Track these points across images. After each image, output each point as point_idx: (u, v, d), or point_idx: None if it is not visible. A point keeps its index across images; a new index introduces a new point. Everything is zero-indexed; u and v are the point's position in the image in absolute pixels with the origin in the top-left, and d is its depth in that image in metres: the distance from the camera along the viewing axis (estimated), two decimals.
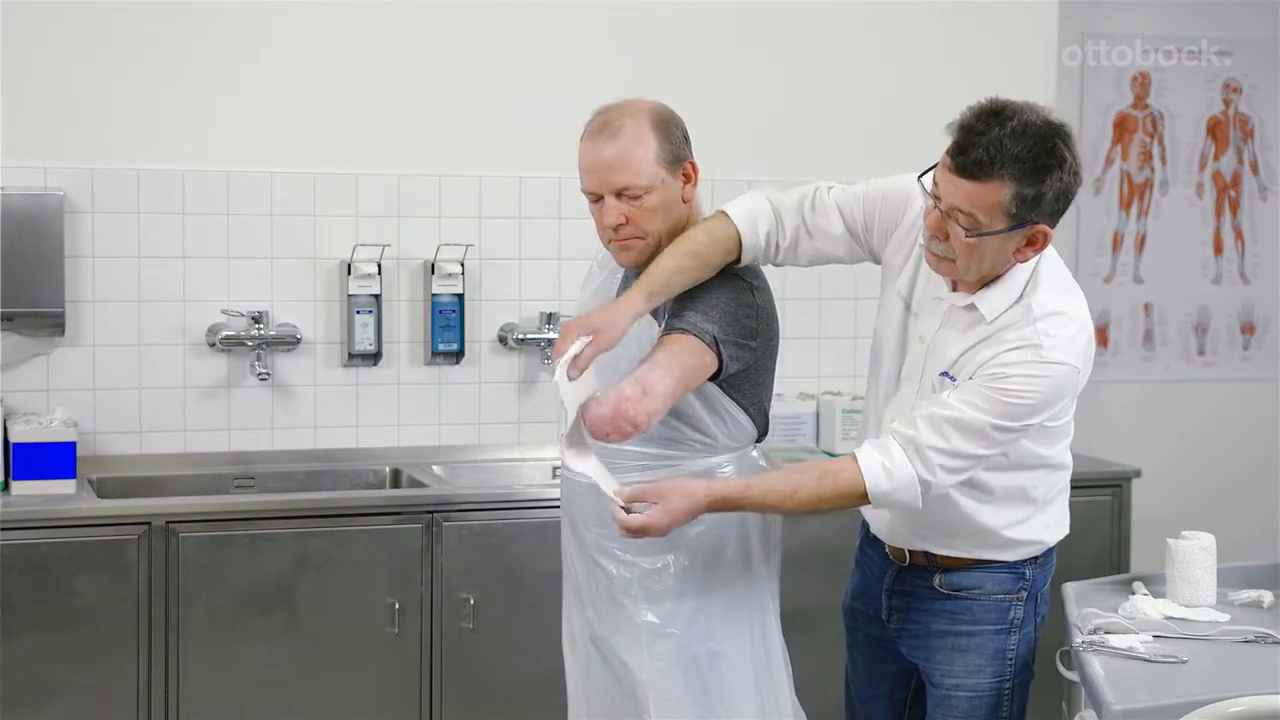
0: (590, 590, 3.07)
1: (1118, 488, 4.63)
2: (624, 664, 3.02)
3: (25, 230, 4.24)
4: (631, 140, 2.95)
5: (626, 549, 3.00)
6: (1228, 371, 5.84)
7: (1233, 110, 5.79)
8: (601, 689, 3.07)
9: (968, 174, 2.69)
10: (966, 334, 2.85)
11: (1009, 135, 2.67)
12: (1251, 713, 2.45)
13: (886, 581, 3.10)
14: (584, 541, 3.06)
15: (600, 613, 3.05)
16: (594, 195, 2.99)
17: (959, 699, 3.01)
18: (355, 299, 4.54)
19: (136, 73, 4.41)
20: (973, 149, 2.68)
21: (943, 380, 2.86)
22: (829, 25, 4.98)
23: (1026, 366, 2.75)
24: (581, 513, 3.06)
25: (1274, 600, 3.20)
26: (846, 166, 4.92)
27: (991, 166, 2.68)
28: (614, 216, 2.96)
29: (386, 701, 4.10)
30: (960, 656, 3.01)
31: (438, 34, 4.65)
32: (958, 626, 3.01)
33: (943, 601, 3.02)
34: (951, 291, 2.89)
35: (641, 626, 3.00)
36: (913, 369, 2.94)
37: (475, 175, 4.67)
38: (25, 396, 4.32)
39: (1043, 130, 2.70)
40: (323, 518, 4.09)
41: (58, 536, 3.90)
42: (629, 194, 2.95)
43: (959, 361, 2.84)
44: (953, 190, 2.72)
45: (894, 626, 3.11)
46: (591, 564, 3.05)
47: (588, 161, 2.99)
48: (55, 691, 3.88)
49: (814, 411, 4.85)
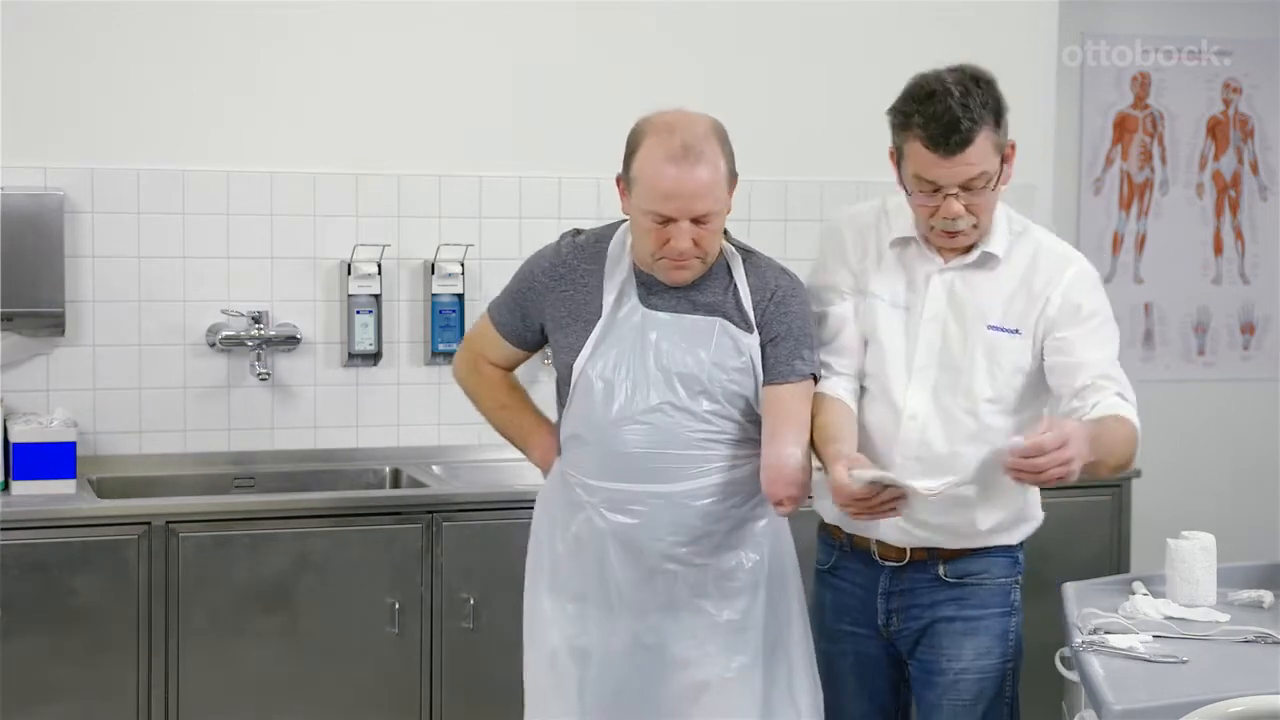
0: (645, 599, 3.03)
1: (1117, 488, 4.63)
2: (690, 664, 3.02)
3: (25, 230, 4.24)
4: (712, 166, 2.94)
5: (698, 553, 3.02)
6: (1228, 371, 5.84)
7: (1233, 110, 5.79)
8: (641, 694, 3.04)
9: (961, 147, 2.89)
10: (993, 284, 3.05)
11: (959, 100, 2.88)
12: (1251, 713, 2.45)
13: (881, 585, 3.11)
14: (644, 550, 3.01)
15: (662, 619, 3.02)
16: (665, 219, 2.93)
17: (967, 682, 3.07)
18: (355, 299, 4.54)
19: (136, 73, 4.41)
20: (951, 130, 2.88)
21: (996, 332, 3.03)
22: (827, 25, 4.98)
23: (1085, 279, 3.08)
24: (646, 526, 3.01)
25: (1274, 600, 3.20)
26: (845, 166, 4.95)
27: (973, 129, 2.90)
28: (687, 243, 2.94)
29: (386, 701, 4.10)
30: (969, 640, 3.08)
31: (438, 34, 4.65)
32: (965, 612, 3.08)
33: (948, 589, 3.08)
34: (947, 260, 3.06)
35: (722, 626, 3.03)
36: (928, 351, 3.05)
37: (475, 175, 4.67)
38: (25, 396, 4.32)
39: (966, 75, 2.94)
40: (323, 518, 4.08)
41: (58, 536, 3.89)
42: (704, 219, 2.94)
43: (1007, 311, 3.04)
44: (955, 169, 2.91)
45: (894, 628, 3.12)
46: (652, 573, 3.01)
47: (669, 187, 2.90)
48: (55, 691, 3.88)
49: None
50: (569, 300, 3.07)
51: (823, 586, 3.24)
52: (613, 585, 3.04)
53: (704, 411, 3.01)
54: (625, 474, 3.01)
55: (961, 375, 3.04)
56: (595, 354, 3.01)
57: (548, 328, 3.12)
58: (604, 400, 3.00)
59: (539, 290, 3.10)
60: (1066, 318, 3.03)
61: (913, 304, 3.07)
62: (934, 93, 2.90)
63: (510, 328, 3.17)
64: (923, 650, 3.11)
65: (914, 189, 2.97)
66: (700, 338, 3.01)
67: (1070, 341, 3.01)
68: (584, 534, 3.06)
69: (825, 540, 3.24)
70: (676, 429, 3.00)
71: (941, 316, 3.05)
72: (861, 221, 3.15)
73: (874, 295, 3.08)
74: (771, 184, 4.91)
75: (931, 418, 3.03)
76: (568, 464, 3.10)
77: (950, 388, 3.04)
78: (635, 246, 3.03)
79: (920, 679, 3.14)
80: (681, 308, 3.03)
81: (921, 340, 3.05)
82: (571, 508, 3.09)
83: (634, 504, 3.01)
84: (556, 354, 3.12)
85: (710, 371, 3.00)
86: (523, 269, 3.17)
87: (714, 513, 3.02)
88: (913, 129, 2.91)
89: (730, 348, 3.02)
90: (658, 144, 2.93)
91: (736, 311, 3.05)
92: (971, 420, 3.03)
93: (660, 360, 2.99)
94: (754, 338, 3.04)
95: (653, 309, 3.02)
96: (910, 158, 2.95)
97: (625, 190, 3.01)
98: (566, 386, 3.08)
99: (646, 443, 2.99)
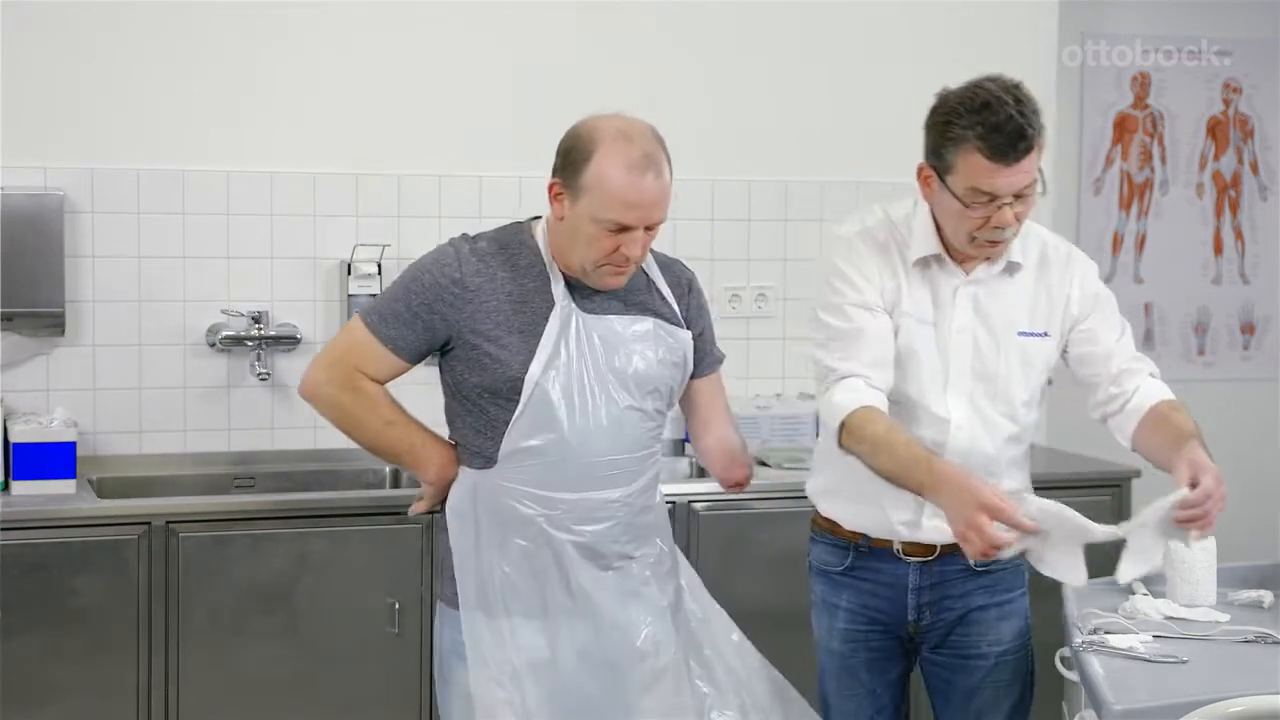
0: (604, 595, 2.99)
1: (1117, 488, 4.63)
2: (647, 654, 3.00)
3: (25, 230, 4.24)
4: (667, 175, 2.91)
5: (637, 546, 3.03)
6: (1228, 371, 5.84)
7: (1233, 110, 5.79)
8: (606, 693, 3.01)
9: (1025, 155, 2.91)
10: (1014, 290, 3.09)
11: (1016, 108, 2.90)
12: (1251, 713, 2.45)
13: (911, 582, 3.13)
14: (602, 553, 2.98)
15: (620, 612, 3.00)
16: (620, 227, 2.87)
17: (1006, 664, 3.17)
18: (355, 299, 4.53)
19: (136, 73, 4.41)
20: (1017, 138, 2.89)
21: (1027, 338, 3.08)
22: (828, 25, 4.98)
23: (1091, 268, 3.18)
24: (603, 531, 2.98)
25: (1274, 600, 3.20)
26: (846, 167, 4.95)
27: (1035, 135, 2.93)
28: (639, 250, 2.91)
29: (386, 701, 4.10)
30: (1006, 623, 3.16)
31: (438, 34, 4.65)
32: (997, 597, 3.15)
33: (977, 578, 3.13)
34: (969, 271, 3.07)
35: (665, 609, 3.06)
36: (960, 363, 3.06)
37: (475, 175, 4.67)
38: (25, 396, 4.32)
39: (1008, 84, 2.96)
40: (323, 518, 4.09)
41: (58, 536, 3.89)
42: (654, 226, 2.92)
43: (1033, 314, 3.09)
44: (1014, 177, 2.92)
45: (925, 623, 3.15)
46: (606, 569, 3.00)
47: (633, 197, 2.84)
48: (55, 691, 3.88)
49: (814, 412, 4.84)
50: (494, 311, 2.93)
51: (835, 588, 3.20)
52: (576, 589, 2.97)
53: (651, 410, 3.02)
54: (586, 483, 2.95)
55: (998, 383, 3.08)
56: (547, 364, 2.91)
57: (465, 340, 2.94)
58: (567, 410, 2.92)
59: (448, 301, 2.92)
60: (1088, 309, 3.11)
61: (939, 319, 3.07)
62: (988, 103, 2.88)
63: (404, 341, 2.95)
64: (956, 638, 3.15)
65: (969, 201, 2.93)
66: (642, 337, 3.00)
67: (1096, 331, 3.11)
68: (535, 548, 2.96)
69: (832, 542, 3.20)
70: (634, 432, 2.99)
71: (970, 328, 3.07)
72: (876, 238, 3.09)
73: (904, 313, 3.06)
74: (771, 184, 4.92)
75: (976, 425, 3.07)
76: (508, 478, 2.96)
77: (988, 395, 3.07)
78: (569, 253, 2.93)
79: (952, 665, 3.17)
80: (613, 309, 3.00)
81: (953, 353, 3.06)
82: (512, 523, 2.96)
83: (597, 511, 2.97)
84: (480, 366, 2.94)
85: (657, 370, 3.00)
86: (417, 279, 2.95)
87: (650, 507, 3.05)
88: (971, 141, 2.88)
89: (668, 344, 3.02)
90: (616, 153, 2.85)
91: (665, 308, 3.05)
92: (1010, 423, 3.10)
93: (612, 363, 2.96)
94: (687, 334, 3.06)
95: (588, 312, 2.97)
96: (964, 170, 2.91)
97: (563, 198, 2.92)
98: (488, 396, 2.95)
99: (611, 449, 2.96)
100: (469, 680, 2.97)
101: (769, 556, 4.26)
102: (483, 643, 2.97)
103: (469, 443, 3.01)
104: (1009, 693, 3.18)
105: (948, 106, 2.94)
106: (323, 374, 3.02)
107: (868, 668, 3.19)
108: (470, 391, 2.97)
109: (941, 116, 2.94)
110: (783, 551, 4.17)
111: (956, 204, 2.95)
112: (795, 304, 4.81)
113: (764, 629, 3.30)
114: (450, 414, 3.06)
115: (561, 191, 2.92)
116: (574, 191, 2.89)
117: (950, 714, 3.22)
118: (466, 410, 3.00)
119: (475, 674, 2.97)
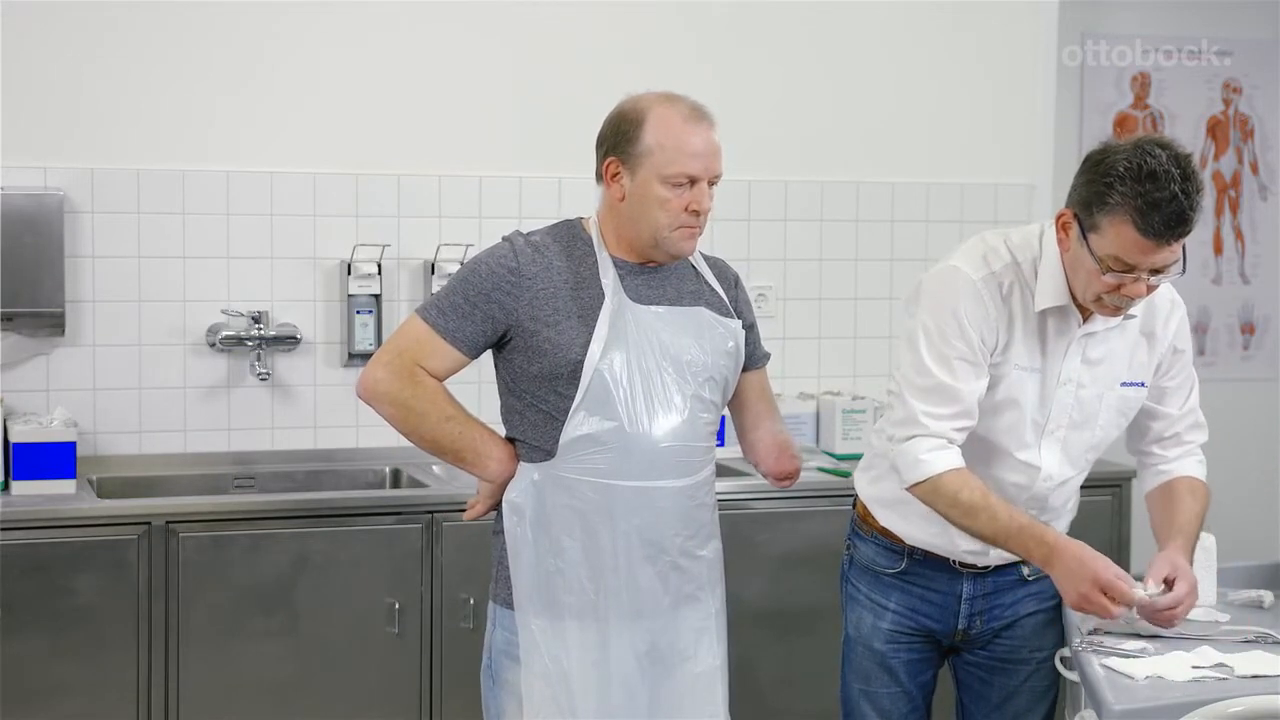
0: (660, 599, 2.99)
1: (1117, 488, 4.63)
2: (689, 657, 3.01)
3: (25, 230, 4.24)
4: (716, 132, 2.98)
5: (698, 545, 3.03)
6: (1228, 371, 5.84)
7: (1233, 110, 5.79)
8: (650, 695, 3.01)
9: (1179, 238, 2.79)
10: (1121, 338, 3.04)
11: (1182, 187, 2.74)
12: (1251, 713, 2.45)
13: (965, 592, 3.13)
14: (664, 548, 2.97)
15: (673, 616, 3.00)
16: (689, 180, 2.92)
17: (1047, 669, 3.18)
18: (355, 299, 4.54)
19: (136, 73, 4.41)
20: (1178, 222, 2.76)
21: (1128, 388, 3.06)
22: (829, 25, 4.98)
23: (1186, 319, 3.17)
24: (666, 522, 2.97)
25: (1274, 600, 3.20)
26: (846, 166, 4.96)
27: (1192, 221, 2.79)
28: (709, 201, 2.95)
29: (386, 701, 4.10)
30: (1050, 630, 3.18)
31: (438, 34, 4.65)
32: (1046, 605, 3.17)
33: (1027, 586, 3.16)
34: (1086, 321, 2.99)
35: (714, 614, 3.05)
36: (1061, 413, 3.02)
37: (475, 175, 4.67)
38: (25, 396, 4.32)
39: (1180, 154, 2.79)
40: (323, 518, 4.09)
41: (58, 536, 3.89)
42: (715, 180, 2.97)
43: (1132, 364, 3.06)
44: (1160, 255, 2.80)
45: (975, 631, 3.16)
46: (666, 570, 2.98)
47: (698, 145, 2.91)
48: (55, 691, 3.88)
49: (814, 411, 4.84)
50: (551, 297, 2.93)
51: (884, 589, 3.18)
52: (640, 589, 2.96)
53: (708, 399, 3.00)
54: (648, 471, 2.93)
55: (1092, 430, 3.06)
56: (605, 351, 2.91)
57: (524, 328, 2.93)
58: (627, 396, 2.92)
59: (506, 290, 2.93)
60: (1169, 363, 3.11)
61: (1047, 368, 3.00)
62: (1155, 174, 2.73)
63: (463, 333, 2.94)
64: (1002, 641, 3.17)
65: (1106, 268, 2.81)
66: (698, 327, 3.00)
67: (1167, 392, 3.12)
68: (594, 544, 2.95)
69: (886, 545, 3.17)
70: (697, 421, 2.98)
71: (1076, 378, 3.01)
72: (1001, 285, 2.97)
73: (1012, 364, 2.99)
74: (771, 184, 4.92)
75: (1065, 473, 3.08)
76: (569, 469, 2.94)
77: (1078, 443, 3.07)
78: (639, 226, 2.94)
79: (991, 666, 3.19)
80: (667, 298, 3.00)
81: (1056, 403, 3.02)
82: (572, 516, 2.95)
83: (659, 501, 2.95)
84: (540, 353, 2.93)
85: (714, 359, 3.00)
86: (474, 271, 2.97)
87: (707, 503, 3.05)
88: (1128, 211, 2.75)
89: (722, 335, 3.02)
90: (669, 111, 2.93)
91: (715, 298, 3.06)
92: (1089, 465, 3.15)
93: (669, 352, 2.95)
94: (738, 323, 3.06)
95: (643, 302, 2.97)
96: (1112, 237, 2.79)
97: (620, 176, 2.94)
98: (547, 385, 2.93)
99: (671, 436, 2.94)
100: (520, 680, 2.97)
101: (769, 556, 4.26)
102: (535, 642, 2.96)
103: (528, 438, 2.99)
104: (1045, 698, 3.20)
105: (1110, 166, 2.78)
106: (382, 371, 2.96)
107: (907, 669, 3.19)
108: (530, 384, 2.96)
109: (1101, 174, 2.79)
110: (783, 551, 4.18)
111: (1093, 264, 2.83)
112: (796, 304, 4.81)
113: (764, 629, 3.30)
114: (507, 412, 3.03)
115: (619, 170, 2.95)
116: (634, 161, 2.92)
117: (982, 714, 3.23)
118: (525, 405, 2.98)
119: (526, 673, 2.97)
